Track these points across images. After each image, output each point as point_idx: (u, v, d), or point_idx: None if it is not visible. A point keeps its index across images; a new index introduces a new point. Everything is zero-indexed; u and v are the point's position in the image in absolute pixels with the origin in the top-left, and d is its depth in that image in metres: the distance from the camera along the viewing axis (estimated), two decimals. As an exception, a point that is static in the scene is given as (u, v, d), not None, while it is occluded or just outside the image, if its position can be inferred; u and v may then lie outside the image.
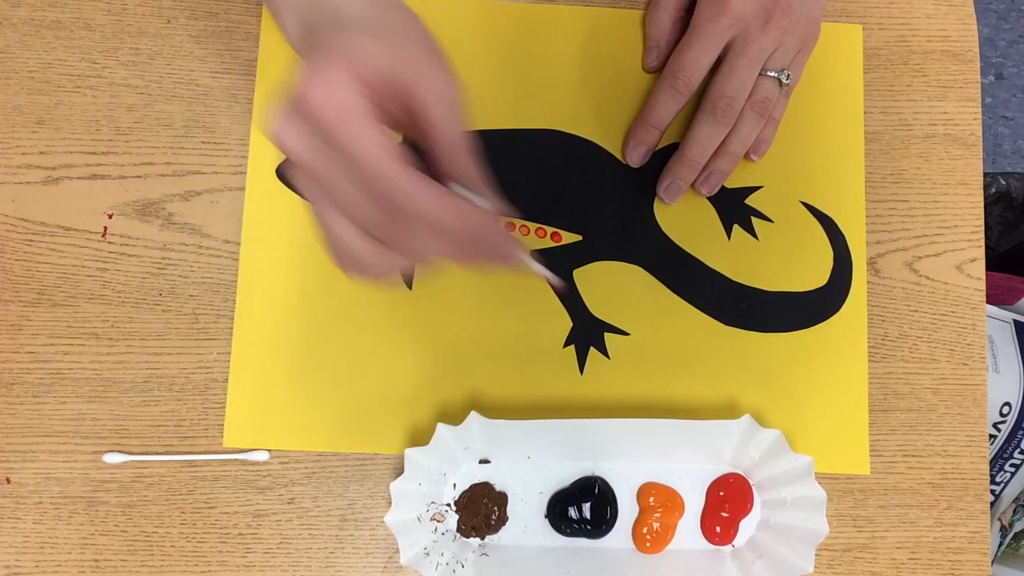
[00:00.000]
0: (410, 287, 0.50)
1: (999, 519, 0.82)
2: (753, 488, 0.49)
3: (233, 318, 0.50)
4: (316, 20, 0.37)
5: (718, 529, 0.48)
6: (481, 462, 0.48)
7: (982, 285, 0.52)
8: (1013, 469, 0.81)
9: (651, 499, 0.48)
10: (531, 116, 0.52)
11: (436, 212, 0.32)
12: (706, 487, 0.49)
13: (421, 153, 0.36)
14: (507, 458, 0.48)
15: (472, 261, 0.37)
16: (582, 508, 0.47)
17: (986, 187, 0.85)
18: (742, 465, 0.48)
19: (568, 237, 0.51)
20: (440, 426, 0.46)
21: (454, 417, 0.48)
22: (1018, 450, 0.80)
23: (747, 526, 0.48)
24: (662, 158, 0.51)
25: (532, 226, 0.51)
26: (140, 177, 0.51)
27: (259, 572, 0.48)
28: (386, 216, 0.33)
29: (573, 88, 0.53)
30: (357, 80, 0.33)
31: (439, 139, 0.35)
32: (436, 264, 0.36)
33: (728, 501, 0.48)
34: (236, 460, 0.49)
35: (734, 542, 0.48)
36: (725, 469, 0.49)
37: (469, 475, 0.48)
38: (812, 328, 0.51)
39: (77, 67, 0.52)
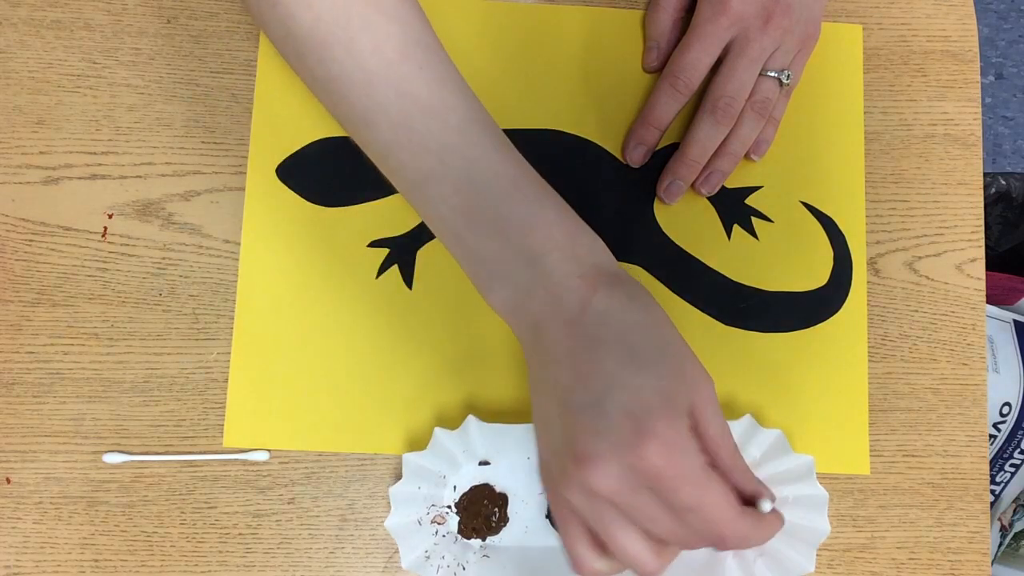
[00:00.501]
0: (410, 287, 0.50)
1: (999, 519, 0.82)
2: (753, 488, 0.49)
3: (233, 318, 0.50)
4: (550, 301, 0.36)
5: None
6: (481, 463, 0.48)
7: (982, 285, 0.52)
8: (1013, 469, 0.81)
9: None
10: (531, 116, 0.52)
11: (757, 539, 0.35)
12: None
13: None
14: (507, 459, 0.48)
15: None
16: (582, 508, 0.47)
17: (986, 187, 0.85)
18: (742, 465, 0.48)
19: (568, 237, 0.51)
20: (437, 430, 0.46)
21: (453, 418, 0.48)
22: (1018, 450, 0.80)
23: (747, 526, 0.48)
24: (662, 158, 0.51)
25: (532, 226, 0.51)
26: (140, 177, 0.51)
27: (259, 572, 0.48)
28: (693, 535, 0.34)
29: (573, 88, 0.53)
30: (693, 429, 0.33)
31: (715, 441, 0.35)
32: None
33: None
34: (236, 460, 0.49)
35: (735, 542, 0.48)
36: (725, 469, 0.49)
37: (469, 477, 0.48)
38: (812, 328, 0.51)
39: (77, 67, 0.52)
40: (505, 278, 0.37)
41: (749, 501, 0.36)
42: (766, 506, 0.36)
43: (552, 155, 0.52)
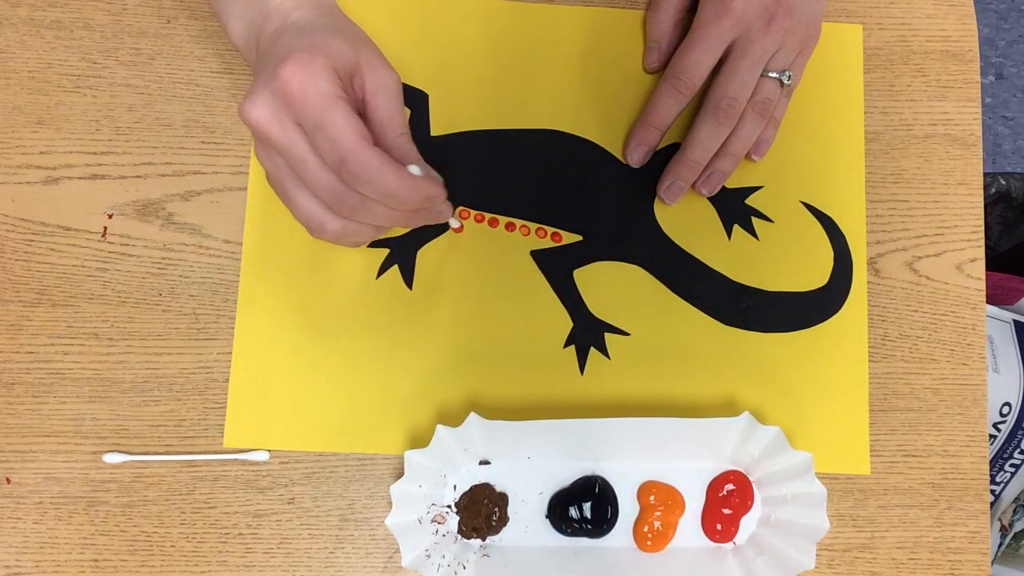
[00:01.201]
0: (410, 287, 0.50)
1: (999, 519, 0.82)
2: (753, 485, 0.49)
3: (233, 318, 0.50)
4: (266, 26, 0.43)
5: (719, 527, 0.48)
6: (481, 463, 0.48)
7: (982, 285, 0.52)
8: (1013, 469, 0.81)
9: (651, 498, 0.48)
10: (531, 116, 0.52)
11: (394, 185, 0.38)
12: (706, 485, 0.49)
13: None
14: (507, 459, 0.48)
15: (412, 223, 0.44)
16: (583, 508, 0.47)
17: (986, 187, 0.85)
18: (742, 462, 0.48)
19: (568, 237, 0.51)
20: (439, 427, 0.46)
21: (454, 418, 0.48)
22: (1018, 450, 0.80)
23: (748, 523, 0.48)
24: (663, 158, 0.51)
25: (532, 226, 0.51)
26: (140, 177, 0.51)
27: (259, 572, 0.48)
28: (346, 189, 0.39)
29: (573, 88, 0.53)
30: (333, 72, 0.39)
31: (383, 121, 0.41)
32: (383, 229, 0.43)
33: (729, 498, 0.48)
34: (236, 460, 0.49)
35: (735, 539, 0.48)
36: (725, 466, 0.49)
37: (469, 476, 0.48)
38: (812, 328, 0.51)
39: (77, 67, 0.51)
40: (242, 14, 0.44)
41: None
42: (413, 169, 0.40)
43: (552, 155, 0.52)
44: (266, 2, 0.44)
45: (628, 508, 0.48)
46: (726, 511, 0.48)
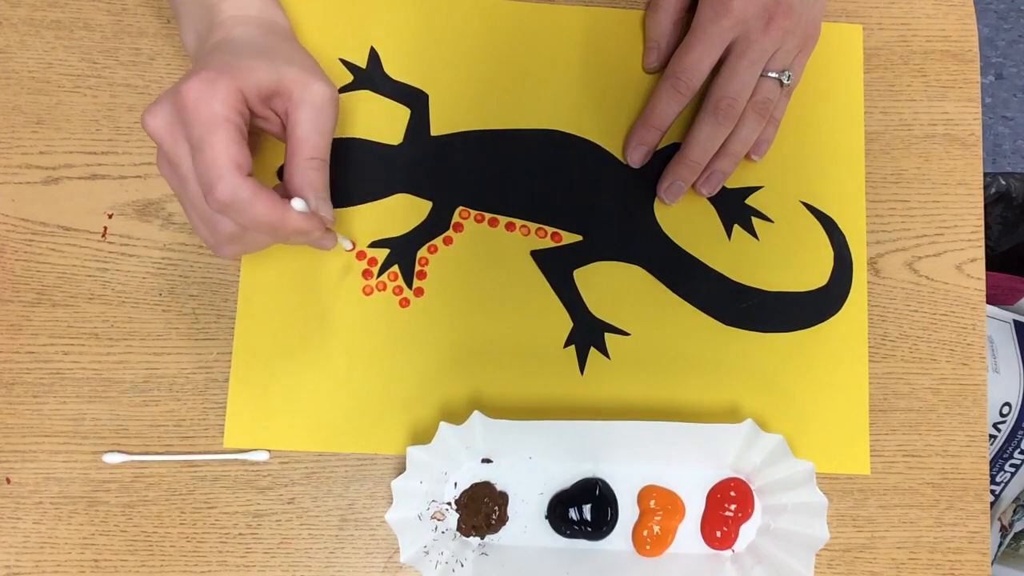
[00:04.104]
0: (410, 286, 0.50)
1: (999, 519, 0.82)
2: (754, 493, 0.48)
3: (233, 318, 0.50)
4: (209, 39, 0.43)
5: (718, 533, 0.48)
6: (483, 461, 0.48)
7: (982, 285, 0.52)
8: (1013, 469, 0.81)
9: (652, 502, 0.48)
10: (531, 116, 0.52)
11: (260, 215, 0.38)
12: (707, 491, 0.48)
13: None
14: (509, 458, 0.48)
15: (296, 244, 0.46)
16: (582, 509, 0.47)
17: (986, 187, 0.85)
18: (743, 470, 0.48)
19: (568, 237, 0.51)
20: (443, 425, 0.46)
21: (454, 417, 0.48)
22: (1018, 450, 0.80)
23: (747, 531, 0.48)
24: (663, 158, 0.51)
25: (532, 226, 0.51)
26: (140, 177, 0.51)
27: (259, 572, 0.48)
28: (218, 215, 0.39)
29: (573, 88, 0.53)
30: (236, 94, 0.38)
31: (298, 140, 0.40)
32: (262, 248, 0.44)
33: (729, 506, 0.48)
34: (236, 460, 0.49)
35: (734, 547, 0.48)
36: (726, 473, 0.49)
37: (470, 474, 0.48)
38: (813, 328, 0.51)
39: (77, 67, 0.51)
40: (194, 28, 0.45)
41: None
42: (297, 204, 0.40)
43: (552, 155, 0.52)
44: (214, 16, 0.43)
45: (628, 512, 0.48)
46: (726, 518, 0.48)
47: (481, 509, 0.47)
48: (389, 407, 0.49)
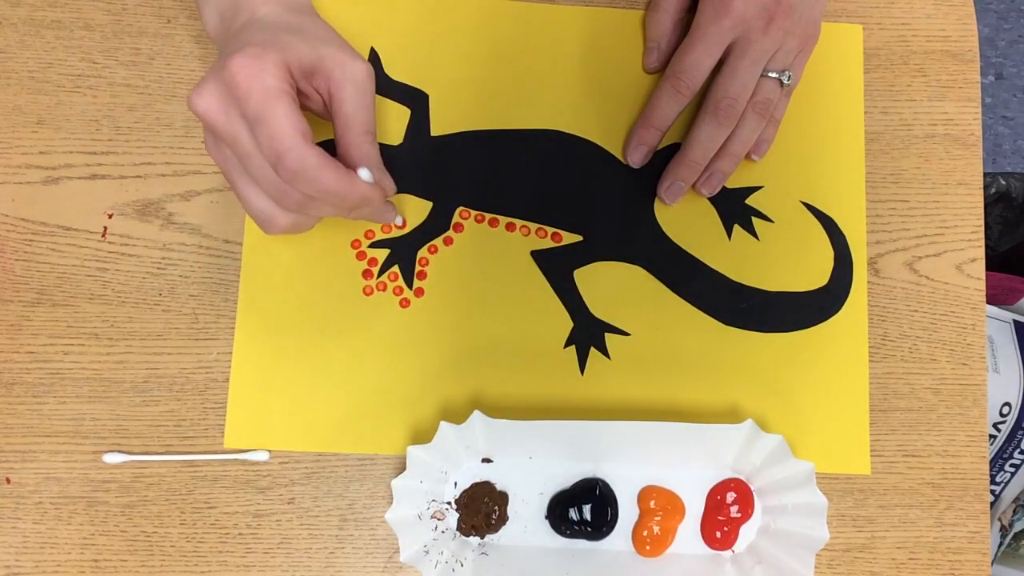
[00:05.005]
0: (410, 286, 0.50)
1: (999, 519, 0.82)
2: (754, 493, 0.48)
3: (233, 318, 0.50)
4: (236, 19, 0.43)
5: (718, 534, 0.48)
6: (483, 461, 0.48)
7: (982, 285, 0.52)
8: (1013, 469, 0.81)
9: (652, 502, 0.48)
10: (531, 116, 0.52)
11: (331, 184, 0.39)
12: (707, 491, 0.48)
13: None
14: (509, 458, 0.48)
15: (357, 219, 0.47)
16: (582, 510, 0.47)
17: (986, 187, 0.85)
18: (743, 470, 0.48)
19: (568, 237, 0.51)
20: (443, 424, 0.46)
21: (454, 417, 0.48)
22: (1018, 450, 0.80)
23: (747, 531, 0.48)
24: (663, 158, 0.51)
25: (532, 226, 0.51)
26: (140, 177, 0.51)
27: (259, 572, 0.48)
28: (287, 185, 0.39)
29: (573, 88, 0.53)
30: (284, 68, 0.39)
31: (346, 116, 0.41)
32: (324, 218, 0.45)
33: (729, 506, 0.48)
34: (236, 460, 0.49)
35: (734, 547, 0.48)
36: (726, 474, 0.49)
37: (470, 474, 0.48)
38: (813, 328, 0.51)
39: (77, 67, 0.51)
40: (216, 5, 0.44)
41: None
42: (363, 173, 0.41)
43: (552, 155, 0.52)
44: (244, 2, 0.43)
45: (628, 512, 0.48)
46: (726, 519, 0.48)
47: (481, 509, 0.47)
48: (389, 407, 0.49)
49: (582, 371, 0.50)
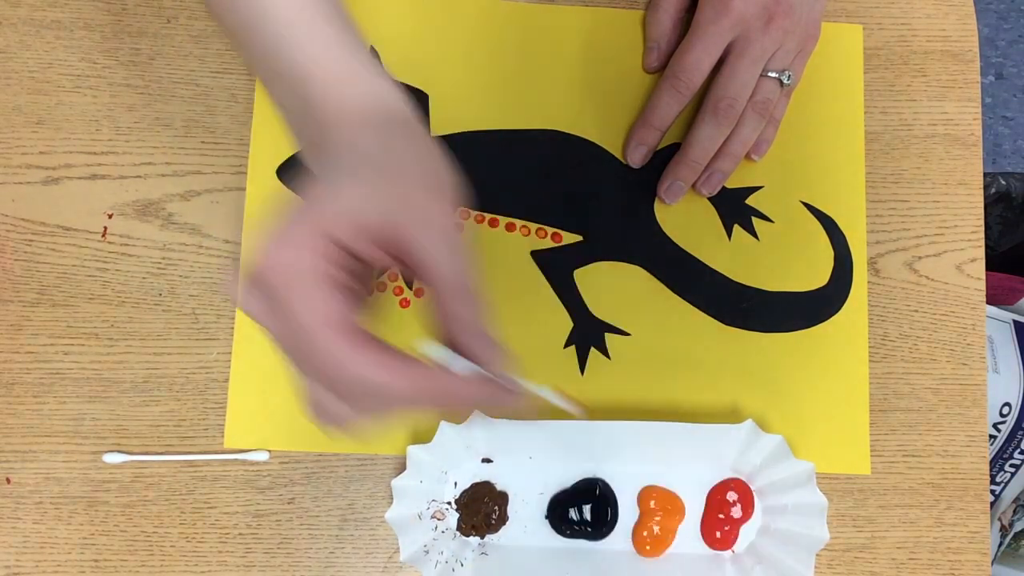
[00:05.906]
0: (410, 287, 0.50)
1: (999, 519, 0.82)
2: (754, 493, 0.48)
3: (233, 318, 0.50)
4: (322, 150, 0.35)
5: (718, 534, 0.48)
6: (483, 461, 0.48)
7: (982, 285, 0.52)
8: (1013, 469, 0.81)
9: (652, 502, 0.48)
10: (531, 116, 0.52)
11: (373, 378, 0.31)
12: (707, 492, 0.48)
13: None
14: (509, 458, 0.48)
15: (450, 412, 0.35)
16: (583, 510, 0.47)
17: (986, 187, 0.85)
18: (743, 470, 0.48)
19: (569, 237, 0.51)
20: (443, 424, 0.46)
21: (455, 417, 0.48)
22: (1018, 450, 0.80)
23: (747, 532, 0.48)
24: (663, 158, 0.51)
25: (532, 226, 0.51)
26: (140, 177, 0.51)
27: (259, 572, 0.48)
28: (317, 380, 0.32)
29: (573, 88, 0.53)
30: (321, 239, 0.31)
31: (436, 281, 0.33)
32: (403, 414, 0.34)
33: (729, 506, 0.48)
34: (236, 460, 0.49)
35: (734, 547, 0.48)
36: (727, 474, 0.49)
37: (470, 474, 0.48)
38: (813, 328, 0.51)
39: (77, 67, 0.51)
40: (294, 124, 0.37)
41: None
42: (432, 351, 0.32)
43: (552, 155, 0.52)
44: (313, 112, 0.36)
45: (628, 512, 0.48)
46: (726, 519, 0.48)
47: (481, 509, 0.47)
48: (389, 407, 0.49)
49: (582, 371, 0.50)
